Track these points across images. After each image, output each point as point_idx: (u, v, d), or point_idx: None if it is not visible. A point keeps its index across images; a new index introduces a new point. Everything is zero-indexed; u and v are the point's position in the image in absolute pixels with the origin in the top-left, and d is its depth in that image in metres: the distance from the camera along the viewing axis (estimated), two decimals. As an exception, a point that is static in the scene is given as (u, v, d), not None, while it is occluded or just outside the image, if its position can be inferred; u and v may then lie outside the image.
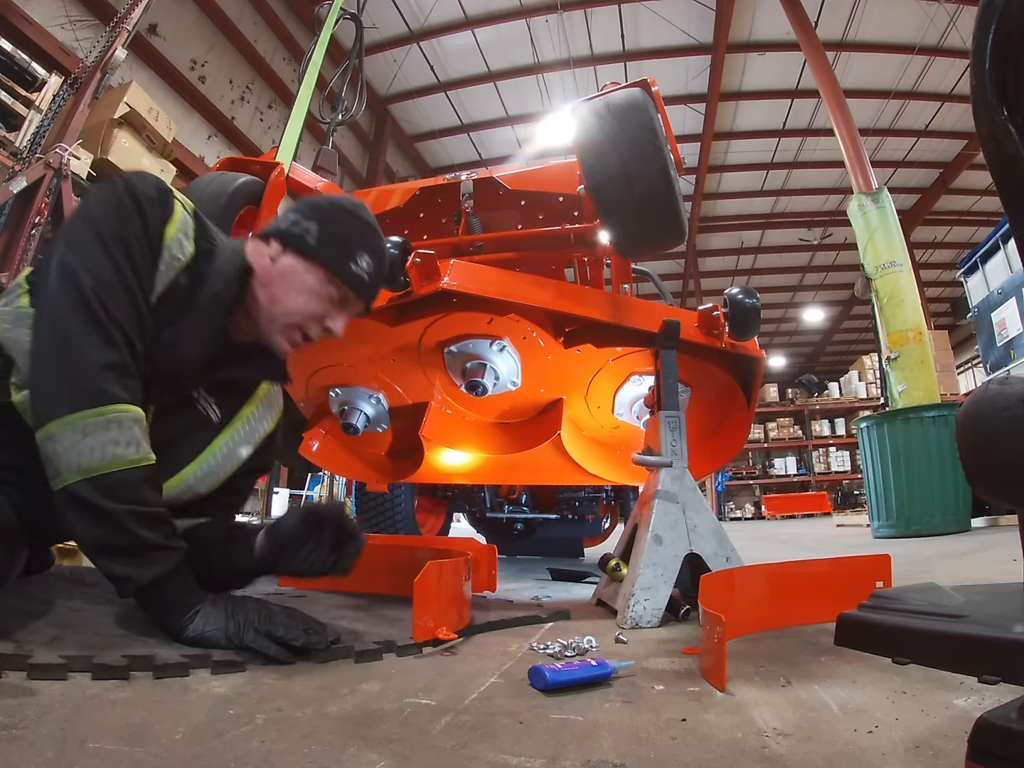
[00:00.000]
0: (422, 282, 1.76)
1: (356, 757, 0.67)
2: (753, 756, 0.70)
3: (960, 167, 11.91)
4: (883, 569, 1.48)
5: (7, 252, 3.06)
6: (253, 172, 1.89)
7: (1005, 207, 0.69)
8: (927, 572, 2.39)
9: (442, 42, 9.53)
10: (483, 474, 2.50)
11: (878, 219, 5.75)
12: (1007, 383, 0.75)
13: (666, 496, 1.64)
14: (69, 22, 5.54)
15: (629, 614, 1.48)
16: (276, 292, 1.18)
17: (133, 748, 0.66)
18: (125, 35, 3.56)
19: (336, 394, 2.31)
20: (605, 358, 2.07)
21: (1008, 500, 0.75)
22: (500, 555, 4.08)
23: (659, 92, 1.78)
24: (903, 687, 0.92)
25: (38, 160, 3.23)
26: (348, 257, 1.20)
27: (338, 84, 2.83)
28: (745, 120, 11.28)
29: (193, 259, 1.11)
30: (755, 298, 1.89)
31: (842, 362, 20.03)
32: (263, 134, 8.47)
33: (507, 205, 2.34)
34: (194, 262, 1.11)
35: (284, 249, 1.19)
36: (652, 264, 7.17)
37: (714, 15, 9.02)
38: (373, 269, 1.24)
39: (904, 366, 5.36)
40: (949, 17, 8.61)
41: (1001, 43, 0.65)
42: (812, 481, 14.61)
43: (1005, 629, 0.94)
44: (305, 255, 1.18)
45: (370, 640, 1.15)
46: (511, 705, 0.87)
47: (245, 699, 0.84)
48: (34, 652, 0.86)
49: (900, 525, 4.82)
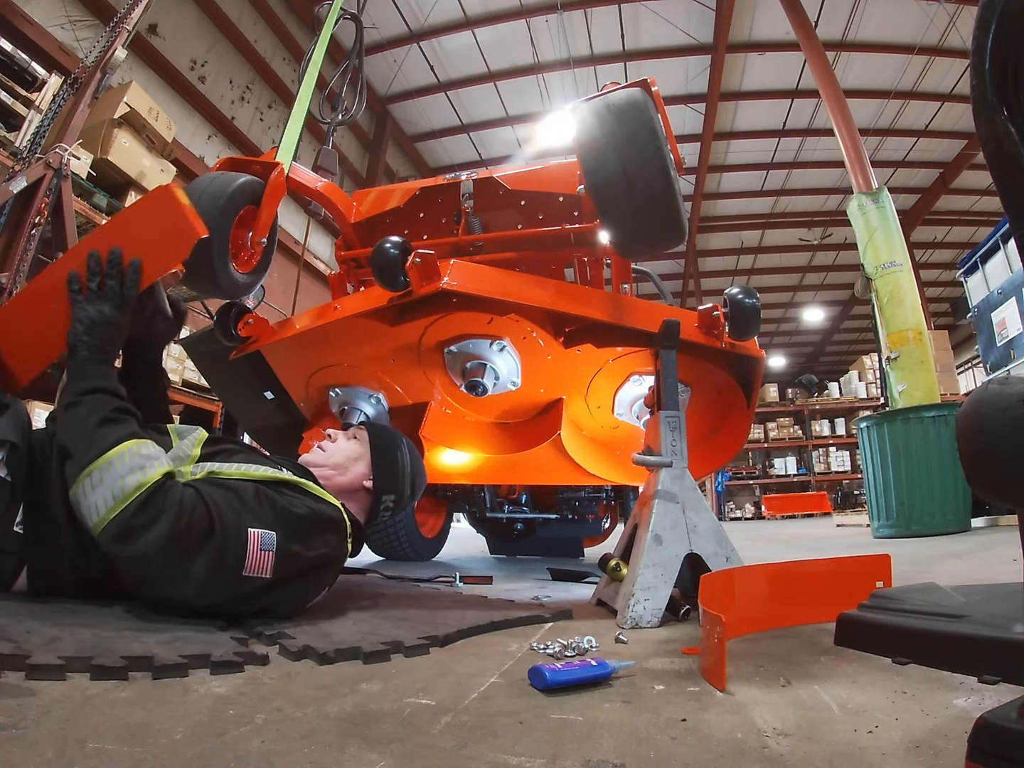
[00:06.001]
0: (422, 282, 1.76)
1: (356, 757, 0.67)
2: (753, 756, 0.69)
3: (960, 167, 11.91)
4: (883, 569, 1.48)
5: (7, 252, 3.06)
6: (253, 172, 1.88)
7: (1005, 207, 0.69)
8: (927, 572, 2.39)
9: (442, 42, 9.53)
10: (483, 474, 2.50)
11: (878, 219, 5.75)
12: (1007, 383, 0.75)
13: (666, 496, 1.64)
14: (69, 22, 5.54)
15: (629, 614, 1.48)
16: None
17: (133, 748, 0.66)
18: (125, 35, 3.55)
19: (336, 394, 2.31)
20: (605, 358, 2.07)
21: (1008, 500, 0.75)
22: (500, 555, 4.11)
23: (659, 92, 1.77)
24: (903, 687, 0.92)
25: (38, 160, 3.22)
26: None
27: (338, 84, 2.83)
28: (745, 120, 11.28)
29: None
30: (755, 298, 1.89)
31: (842, 362, 20.04)
32: (263, 134, 8.47)
33: (507, 205, 2.33)
34: None
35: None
36: (652, 264, 7.17)
37: (714, 15, 9.03)
38: None
39: (904, 366, 5.36)
40: (949, 17, 8.62)
41: (1001, 43, 0.65)
42: (812, 481, 14.62)
43: (1005, 629, 0.94)
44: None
45: (377, 640, 1.14)
46: (511, 705, 0.87)
47: (245, 699, 0.84)
48: (33, 652, 0.85)
49: (900, 525, 4.82)
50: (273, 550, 1.20)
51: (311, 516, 1.30)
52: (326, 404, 2.36)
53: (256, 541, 1.17)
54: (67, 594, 1.18)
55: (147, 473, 1.10)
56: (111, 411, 1.17)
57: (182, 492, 1.13)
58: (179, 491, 1.13)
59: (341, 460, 1.57)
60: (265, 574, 1.19)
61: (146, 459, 1.12)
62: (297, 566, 1.25)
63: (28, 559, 1.16)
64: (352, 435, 1.65)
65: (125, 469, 1.09)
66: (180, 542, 1.09)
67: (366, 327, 2.00)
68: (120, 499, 1.07)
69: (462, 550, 4.52)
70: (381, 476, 1.59)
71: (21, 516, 1.14)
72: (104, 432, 1.13)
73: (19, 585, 1.16)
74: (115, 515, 1.06)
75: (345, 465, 1.56)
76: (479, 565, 3.53)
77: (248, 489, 1.23)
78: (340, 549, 1.39)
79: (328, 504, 1.37)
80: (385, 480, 1.59)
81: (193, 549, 1.11)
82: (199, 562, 1.11)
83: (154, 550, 1.07)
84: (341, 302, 2.02)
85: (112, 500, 1.07)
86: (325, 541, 1.33)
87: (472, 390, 1.99)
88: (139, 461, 1.11)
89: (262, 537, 1.18)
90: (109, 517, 1.06)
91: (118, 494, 1.07)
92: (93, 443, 1.11)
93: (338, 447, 1.60)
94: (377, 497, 1.58)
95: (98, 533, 1.07)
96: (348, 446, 1.61)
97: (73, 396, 1.18)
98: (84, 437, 1.12)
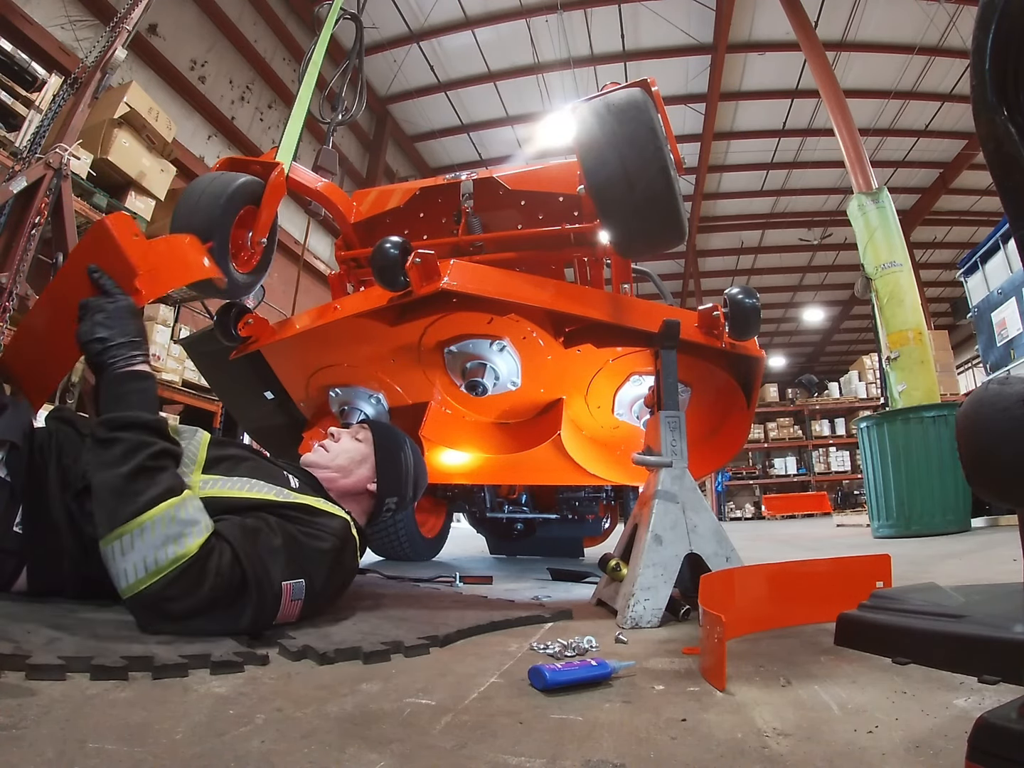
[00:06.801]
0: (422, 282, 1.76)
1: (356, 757, 0.67)
2: (753, 756, 0.69)
3: (960, 167, 11.91)
4: (883, 569, 1.48)
5: (7, 252, 3.06)
6: (253, 172, 1.88)
7: (1005, 207, 0.69)
8: (927, 572, 2.39)
9: (442, 42, 9.53)
10: (483, 474, 2.50)
11: (878, 219, 5.75)
12: (1007, 383, 0.75)
13: (666, 496, 1.64)
14: (69, 22, 5.54)
15: (629, 614, 1.48)
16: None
17: (133, 748, 0.65)
18: (125, 35, 3.55)
19: (336, 394, 2.31)
20: (605, 358, 2.07)
21: (1008, 500, 0.75)
22: (500, 555, 4.11)
23: (659, 92, 1.77)
24: (903, 687, 0.92)
25: (38, 160, 3.22)
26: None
27: (338, 84, 2.83)
28: (745, 120, 11.28)
29: None
30: (755, 298, 1.89)
31: (842, 362, 20.03)
32: (263, 134, 8.47)
33: (507, 205, 2.33)
34: None
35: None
36: (652, 264, 7.17)
37: (714, 15, 9.03)
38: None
39: (904, 366, 5.36)
40: (949, 17, 8.61)
41: (1001, 43, 0.65)
42: (812, 481, 14.62)
43: (1005, 629, 0.94)
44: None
45: (377, 640, 1.14)
46: (511, 705, 0.87)
47: (245, 699, 0.83)
48: (33, 652, 0.85)
49: (900, 525, 4.82)
50: (302, 599, 1.20)
51: (336, 548, 1.29)
52: (326, 404, 2.36)
53: (288, 593, 1.17)
54: (67, 594, 1.18)
55: (184, 544, 1.03)
56: (148, 457, 1.06)
57: (219, 561, 1.06)
58: (216, 560, 1.06)
59: (345, 463, 1.55)
60: (292, 619, 1.20)
61: (184, 525, 1.04)
62: (321, 601, 1.28)
63: (28, 559, 1.15)
64: (355, 434, 1.63)
65: (160, 539, 1.01)
66: (214, 607, 1.07)
67: (366, 327, 2.00)
68: (153, 571, 1.00)
69: (462, 550, 4.52)
70: (385, 479, 1.58)
71: (21, 516, 1.14)
72: (138, 487, 1.03)
73: (19, 585, 1.15)
74: (146, 587, 1.00)
75: (349, 468, 1.55)
76: (479, 565, 3.53)
77: (278, 532, 1.19)
78: (352, 563, 1.41)
79: (338, 519, 1.35)
80: (389, 483, 1.59)
81: (226, 611, 1.09)
82: (229, 620, 1.09)
83: (186, 616, 1.04)
84: (341, 302, 2.02)
85: (144, 571, 1.00)
86: (344, 567, 1.35)
87: (472, 390, 1.99)
88: (176, 529, 1.03)
89: (293, 588, 1.18)
90: (139, 588, 1.01)
91: (151, 566, 1.00)
92: (125, 500, 1.02)
93: (341, 447, 1.58)
94: (380, 499, 1.58)
95: (127, 598, 1.02)
96: (352, 446, 1.59)
97: (106, 430, 1.08)
98: (116, 491, 1.03)
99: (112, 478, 1.04)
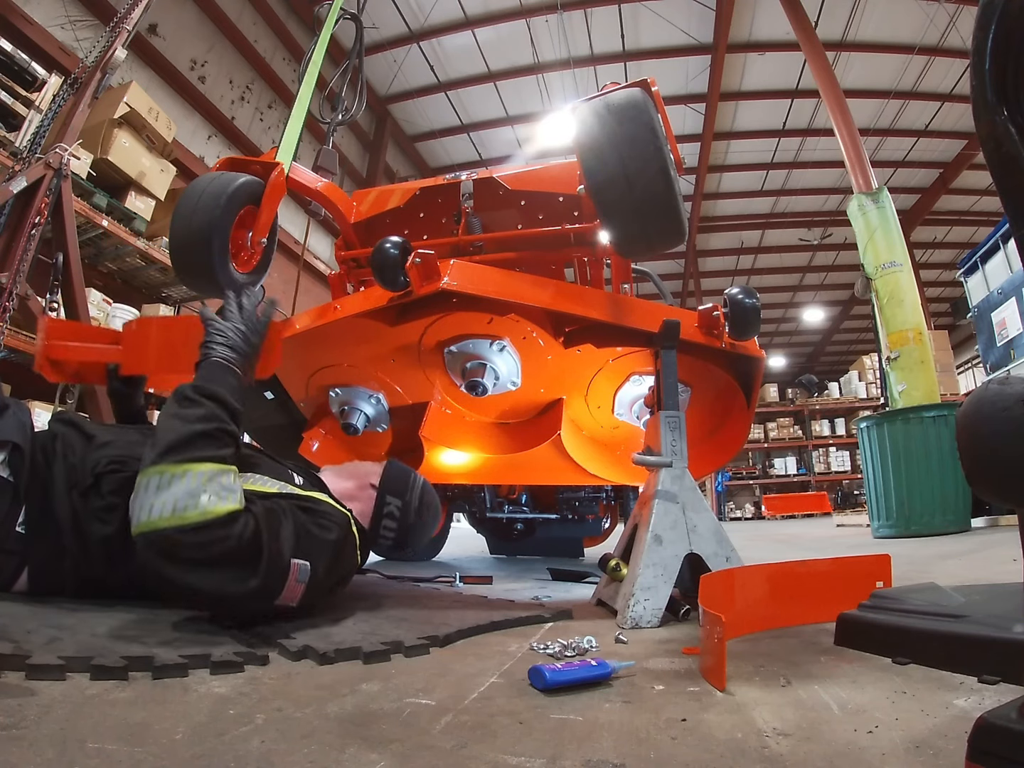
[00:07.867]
0: (422, 282, 1.76)
1: (356, 757, 0.67)
2: (753, 756, 0.69)
3: (960, 167, 11.90)
4: (883, 569, 1.48)
5: (7, 252, 3.06)
6: (253, 172, 1.88)
7: (1005, 207, 0.69)
8: (927, 572, 2.38)
9: (442, 42, 9.52)
10: (483, 474, 2.50)
11: (878, 219, 5.75)
12: (1007, 383, 0.74)
13: (666, 496, 1.64)
14: (69, 22, 5.54)
15: (629, 614, 1.48)
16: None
17: (133, 748, 0.66)
18: (125, 35, 3.55)
19: (336, 394, 2.31)
20: (605, 358, 2.07)
21: (1008, 500, 0.75)
22: (500, 555, 4.11)
23: (659, 92, 1.78)
24: (903, 687, 0.92)
25: (38, 160, 3.22)
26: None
27: (338, 84, 2.83)
28: (745, 120, 11.27)
29: None
30: (755, 298, 1.89)
31: (842, 362, 20.03)
32: (263, 134, 8.46)
33: (507, 205, 2.33)
34: None
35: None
36: (652, 264, 7.17)
37: (714, 15, 9.01)
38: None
39: (904, 366, 5.36)
40: (949, 17, 8.61)
41: (1001, 43, 0.65)
42: (812, 481, 14.62)
43: (1005, 629, 0.94)
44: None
45: (377, 640, 1.14)
46: (511, 705, 0.87)
47: (245, 699, 0.83)
48: (33, 653, 0.85)
49: (900, 525, 4.82)
50: (305, 582, 1.20)
51: (340, 538, 1.32)
52: (326, 404, 2.36)
53: (295, 573, 1.18)
54: (67, 594, 1.18)
55: (216, 504, 1.05)
56: (219, 430, 1.12)
57: (242, 530, 1.08)
58: (240, 528, 1.08)
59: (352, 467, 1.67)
60: (292, 603, 1.20)
61: (224, 489, 1.07)
62: (319, 592, 1.28)
63: (29, 559, 1.16)
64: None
65: (198, 489, 1.04)
66: (224, 563, 1.07)
67: (366, 327, 2.00)
68: (179, 515, 1.02)
69: (462, 550, 4.51)
70: (388, 477, 1.62)
71: (23, 516, 1.14)
72: (200, 444, 1.08)
73: (19, 585, 1.16)
74: (166, 526, 1.01)
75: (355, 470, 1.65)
76: (479, 565, 3.53)
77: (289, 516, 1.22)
78: (351, 559, 1.41)
79: (340, 513, 1.38)
80: (392, 481, 1.62)
81: (235, 570, 1.09)
82: (235, 580, 1.09)
83: (194, 564, 1.05)
84: (341, 302, 2.02)
85: (171, 511, 1.01)
86: (344, 561, 1.36)
87: (472, 390, 1.99)
88: (215, 488, 1.06)
89: (300, 568, 1.18)
90: (159, 526, 1.01)
91: (180, 510, 1.02)
92: (184, 446, 1.06)
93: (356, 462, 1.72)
94: (382, 497, 1.59)
95: (141, 532, 1.02)
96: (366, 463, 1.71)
97: (195, 393, 1.14)
98: (180, 436, 1.07)
99: (183, 427, 1.09)
